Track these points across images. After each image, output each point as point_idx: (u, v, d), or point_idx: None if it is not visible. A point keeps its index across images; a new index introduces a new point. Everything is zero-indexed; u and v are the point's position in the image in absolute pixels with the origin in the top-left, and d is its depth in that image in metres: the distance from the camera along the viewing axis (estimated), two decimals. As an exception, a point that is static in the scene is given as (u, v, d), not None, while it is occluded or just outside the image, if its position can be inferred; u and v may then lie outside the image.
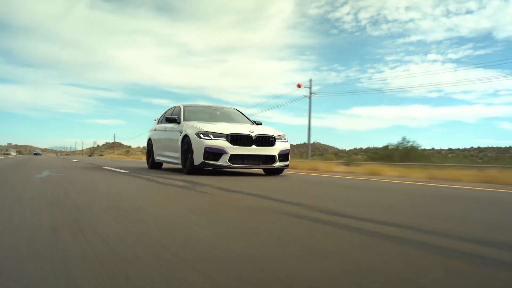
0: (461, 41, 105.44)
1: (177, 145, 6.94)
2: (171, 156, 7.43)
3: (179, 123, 7.22)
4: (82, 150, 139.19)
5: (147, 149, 8.95)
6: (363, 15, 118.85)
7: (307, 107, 31.10)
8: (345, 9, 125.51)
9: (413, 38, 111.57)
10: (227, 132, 6.27)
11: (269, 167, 6.50)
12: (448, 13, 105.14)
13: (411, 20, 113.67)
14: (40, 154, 63.16)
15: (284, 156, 6.60)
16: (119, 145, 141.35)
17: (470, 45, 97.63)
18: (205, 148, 6.13)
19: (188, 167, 6.37)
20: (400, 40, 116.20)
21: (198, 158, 6.19)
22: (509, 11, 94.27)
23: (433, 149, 74.68)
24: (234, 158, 6.16)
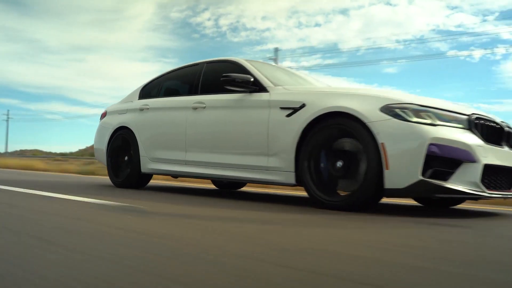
0: (311, 50, 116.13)
1: (280, 139, 2.96)
2: (236, 165, 3.27)
3: (264, 89, 3.19)
4: None
5: (111, 148, 4.42)
6: (223, 21, 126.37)
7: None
8: (206, 14, 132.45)
9: (270, 45, 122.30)
10: (467, 112, 2.65)
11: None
12: (300, 25, 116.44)
13: (268, 29, 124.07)
14: None
15: None
16: None
17: (320, 54, 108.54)
18: (429, 147, 2.39)
19: (360, 195, 2.53)
20: (258, 47, 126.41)
21: (406, 171, 2.41)
22: (351, 27, 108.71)
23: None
24: (488, 173, 2.53)
